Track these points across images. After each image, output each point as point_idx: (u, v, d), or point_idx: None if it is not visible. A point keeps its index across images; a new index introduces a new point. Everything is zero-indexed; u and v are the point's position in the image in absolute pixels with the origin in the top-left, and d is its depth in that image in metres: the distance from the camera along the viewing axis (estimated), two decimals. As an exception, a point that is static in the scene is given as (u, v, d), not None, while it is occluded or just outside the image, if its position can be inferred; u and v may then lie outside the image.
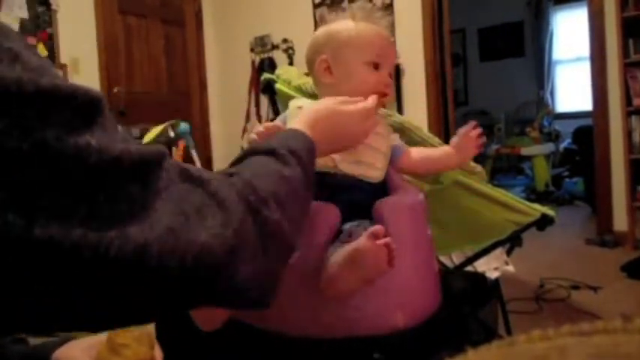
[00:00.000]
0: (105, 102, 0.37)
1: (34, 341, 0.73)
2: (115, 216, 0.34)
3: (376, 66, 1.00)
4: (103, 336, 0.72)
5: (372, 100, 0.86)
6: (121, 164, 0.35)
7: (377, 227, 0.79)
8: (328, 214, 0.93)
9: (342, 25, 1.04)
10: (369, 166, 1.01)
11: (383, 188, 1.05)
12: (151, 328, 0.72)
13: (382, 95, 1.01)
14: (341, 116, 0.77)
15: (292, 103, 1.07)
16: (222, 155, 4.40)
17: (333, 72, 1.02)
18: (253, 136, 0.94)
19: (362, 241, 0.79)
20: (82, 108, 0.34)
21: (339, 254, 0.83)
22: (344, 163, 0.98)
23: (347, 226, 0.94)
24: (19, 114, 0.30)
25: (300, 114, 0.74)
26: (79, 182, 0.32)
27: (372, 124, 0.86)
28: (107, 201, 0.34)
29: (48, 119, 0.31)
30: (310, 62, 1.05)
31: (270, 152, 0.57)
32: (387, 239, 0.77)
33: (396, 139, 1.09)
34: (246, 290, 0.43)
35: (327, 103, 0.78)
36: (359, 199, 0.98)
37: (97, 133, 0.34)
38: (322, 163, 0.98)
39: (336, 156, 0.98)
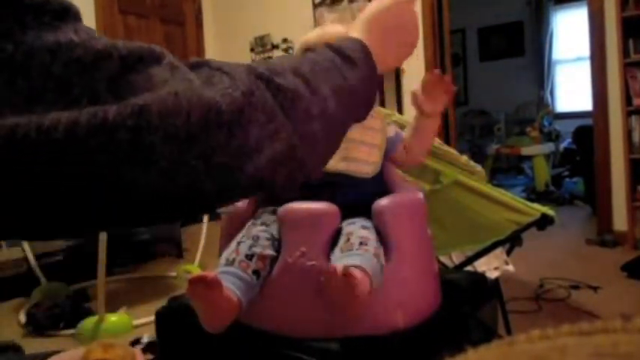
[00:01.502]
0: (79, 13, 0.37)
1: (29, 350, 0.72)
2: (113, 100, 0.33)
3: None
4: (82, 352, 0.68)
5: None
6: (111, 56, 0.34)
7: (330, 268, 0.80)
8: (328, 214, 0.93)
9: (310, 34, 1.03)
10: (360, 162, 1.01)
11: (378, 182, 1.05)
12: (134, 350, 0.68)
13: None
14: (394, 9, 0.61)
15: None
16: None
17: None
18: None
19: (324, 283, 0.80)
20: (64, 11, 0.34)
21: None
22: (330, 161, 0.98)
23: (344, 225, 0.94)
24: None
25: (354, 23, 0.60)
26: (69, 74, 0.32)
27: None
28: (106, 90, 0.33)
29: (26, 22, 0.32)
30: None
31: (306, 50, 0.51)
32: (346, 272, 0.78)
33: (392, 130, 1.09)
34: (263, 153, 0.39)
35: (374, 5, 0.61)
36: (352, 196, 0.98)
37: (79, 33, 0.34)
38: None
39: None
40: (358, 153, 1.00)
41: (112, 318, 2.01)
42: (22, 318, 2.14)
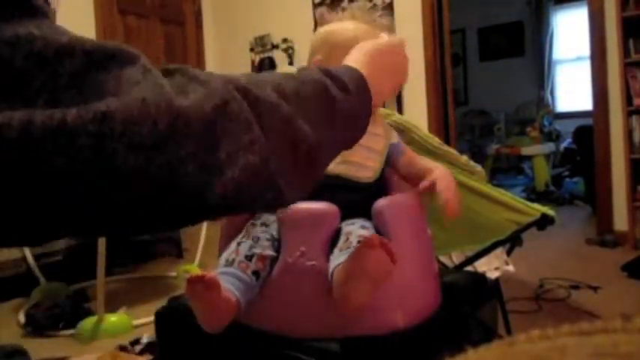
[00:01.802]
0: (51, 13, 0.35)
1: (35, 355, 0.72)
2: (75, 98, 0.31)
3: None
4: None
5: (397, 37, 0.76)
6: (74, 51, 0.32)
7: (370, 238, 0.78)
8: (328, 214, 0.93)
9: (338, 27, 1.01)
10: (360, 167, 1.00)
11: (378, 187, 1.04)
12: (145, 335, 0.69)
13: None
14: (389, 50, 0.66)
15: None
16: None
17: None
18: None
19: (358, 252, 0.79)
20: (26, 5, 0.33)
21: (340, 271, 0.83)
22: (331, 164, 0.97)
23: (343, 225, 0.94)
24: None
25: (350, 54, 0.63)
26: (28, 68, 0.31)
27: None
28: (67, 86, 0.32)
29: None
30: (308, 62, 1.04)
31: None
32: (382, 242, 0.77)
33: (394, 136, 1.08)
34: (236, 166, 0.38)
35: (368, 45, 0.66)
36: (350, 200, 0.98)
37: (41, 26, 0.32)
38: None
39: None
40: (357, 157, 0.99)
41: (112, 318, 2.01)
42: (22, 318, 2.14)
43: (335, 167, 0.97)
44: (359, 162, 1.00)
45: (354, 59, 0.60)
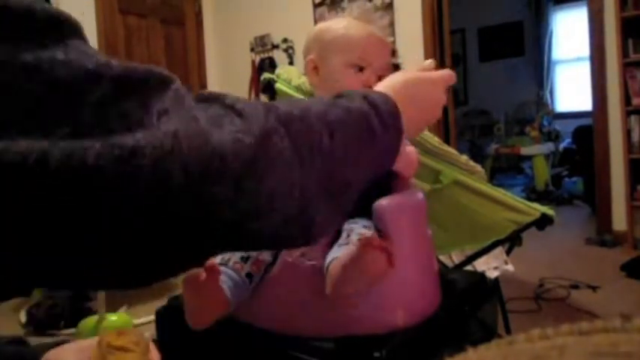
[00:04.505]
0: (82, 29, 0.33)
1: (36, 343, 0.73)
2: (99, 129, 0.28)
3: (360, 69, 0.97)
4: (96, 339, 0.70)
5: (447, 71, 0.74)
6: (102, 77, 0.30)
7: (369, 236, 0.78)
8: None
9: (331, 24, 1.02)
10: None
11: (383, 187, 1.04)
12: (145, 334, 0.70)
13: None
14: (426, 84, 0.64)
15: None
16: (222, 155, 4.40)
17: (319, 72, 1.01)
18: None
19: (356, 250, 0.79)
20: (53, 25, 0.30)
21: (337, 264, 0.83)
22: None
23: (345, 224, 0.94)
24: None
25: (390, 77, 0.62)
26: (49, 96, 0.28)
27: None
28: (91, 116, 0.29)
29: (9, 33, 0.29)
30: (304, 61, 1.05)
31: (336, 95, 0.47)
32: (382, 244, 0.77)
33: None
34: (274, 212, 0.35)
35: (409, 73, 0.66)
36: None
37: (68, 50, 0.30)
38: None
39: None
40: None
41: (112, 317, 2.01)
42: (23, 317, 2.14)
43: None
44: None
45: (392, 85, 0.57)
